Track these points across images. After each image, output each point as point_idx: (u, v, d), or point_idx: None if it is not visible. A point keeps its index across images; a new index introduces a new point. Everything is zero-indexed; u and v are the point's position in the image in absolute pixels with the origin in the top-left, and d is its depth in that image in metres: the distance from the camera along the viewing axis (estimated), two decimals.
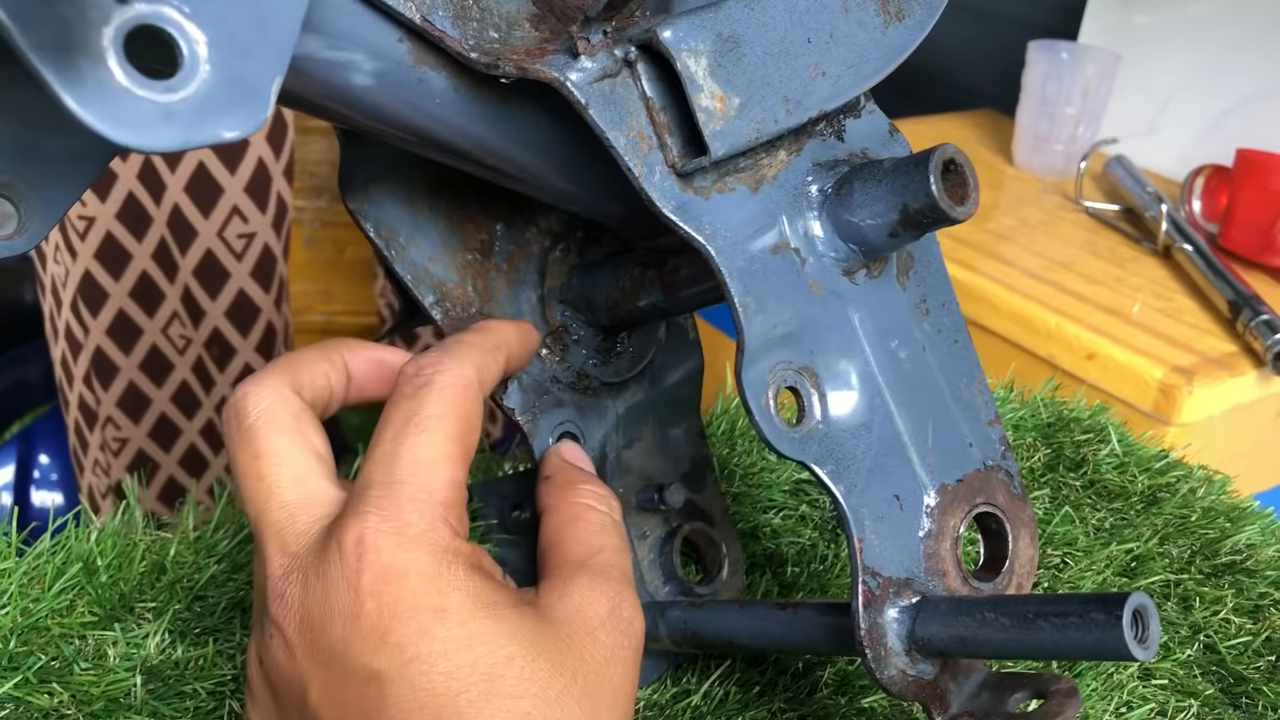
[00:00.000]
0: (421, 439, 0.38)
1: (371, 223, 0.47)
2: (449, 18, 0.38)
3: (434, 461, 0.38)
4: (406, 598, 0.36)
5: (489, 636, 0.36)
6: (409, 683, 0.35)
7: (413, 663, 0.35)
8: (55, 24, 0.26)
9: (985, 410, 0.46)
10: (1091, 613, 0.37)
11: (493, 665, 0.35)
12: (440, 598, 0.36)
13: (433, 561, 0.36)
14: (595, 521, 0.44)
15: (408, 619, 0.35)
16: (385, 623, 0.35)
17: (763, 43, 0.39)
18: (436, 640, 0.35)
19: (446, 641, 0.35)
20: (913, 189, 0.40)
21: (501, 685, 0.35)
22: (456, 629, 0.36)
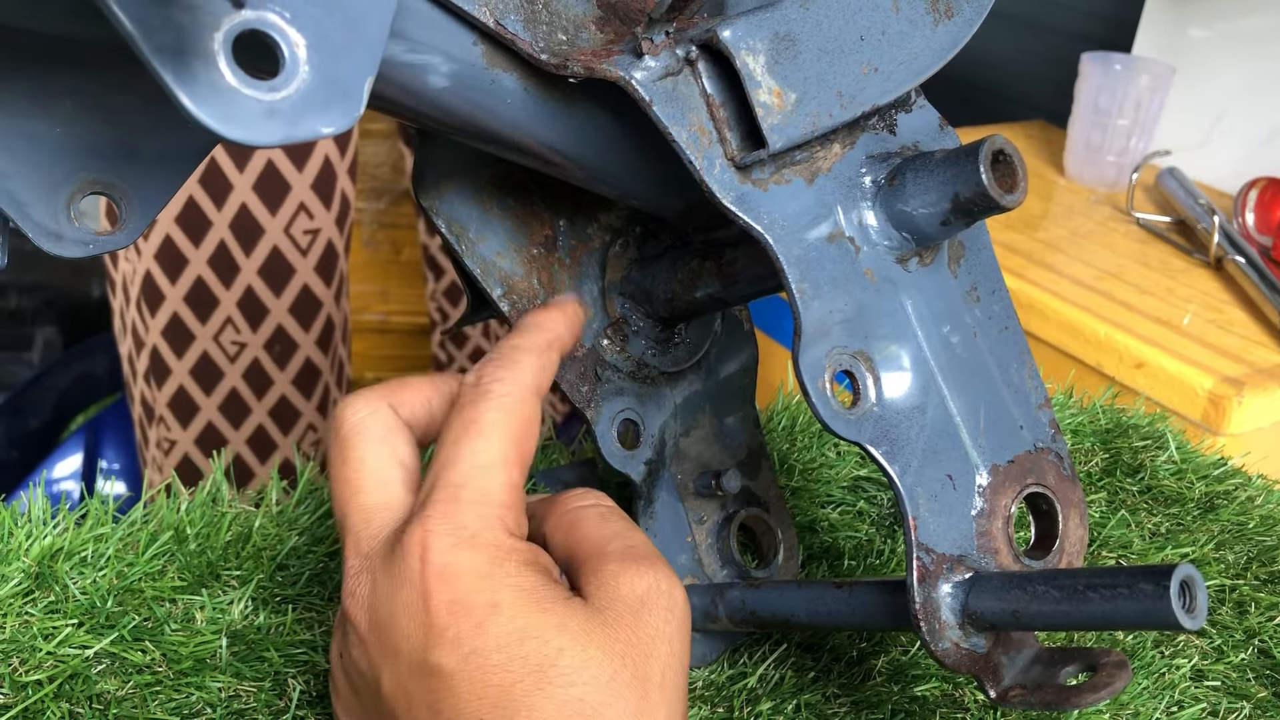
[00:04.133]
0: (479, 444, 0.41)
1: (443, 219, 0.50)
2: (520, 21, 0.40)
3: (491, 466, 0.41)
4: (463, 596, 0.38)
5: (540, 630, 0.38)
6: (467, 675, 0.37)
7: (470, 656, 0.38)
8: (172, 30, 0.28)
9: (1035, 394, 0.47)
10: (1140, 584, 0.39)
11: (544, 656, 0.38)
12: (494, 595, 0.38)
13: (487, 561, 0.39)
14: (591, 516, 0.45)
15: (464, 616, 0.38)
16: (444, 619, 0.38)
17: (817, 41, 0.41)
18: (491, 635, 0.38)
19: (500, 636, 0.38)
20: (964, 178, 0.41)
21: (553, 675, 0.38)
22: (509, 624, 0.38)
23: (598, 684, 0.38)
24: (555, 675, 0.38)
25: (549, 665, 0.38)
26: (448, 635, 0.38)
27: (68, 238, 0.41)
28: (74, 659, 0.47)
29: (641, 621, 0.40)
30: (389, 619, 0.39)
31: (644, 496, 0.54)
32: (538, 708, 0.37)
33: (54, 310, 1.92)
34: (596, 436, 0.53)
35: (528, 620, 0.38)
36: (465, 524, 0.39)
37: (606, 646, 0.39)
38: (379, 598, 0.40)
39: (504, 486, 0.41)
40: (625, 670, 0.39)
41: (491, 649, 0.38)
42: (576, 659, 0.38)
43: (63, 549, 0.51)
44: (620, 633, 0.39)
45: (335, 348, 1.09)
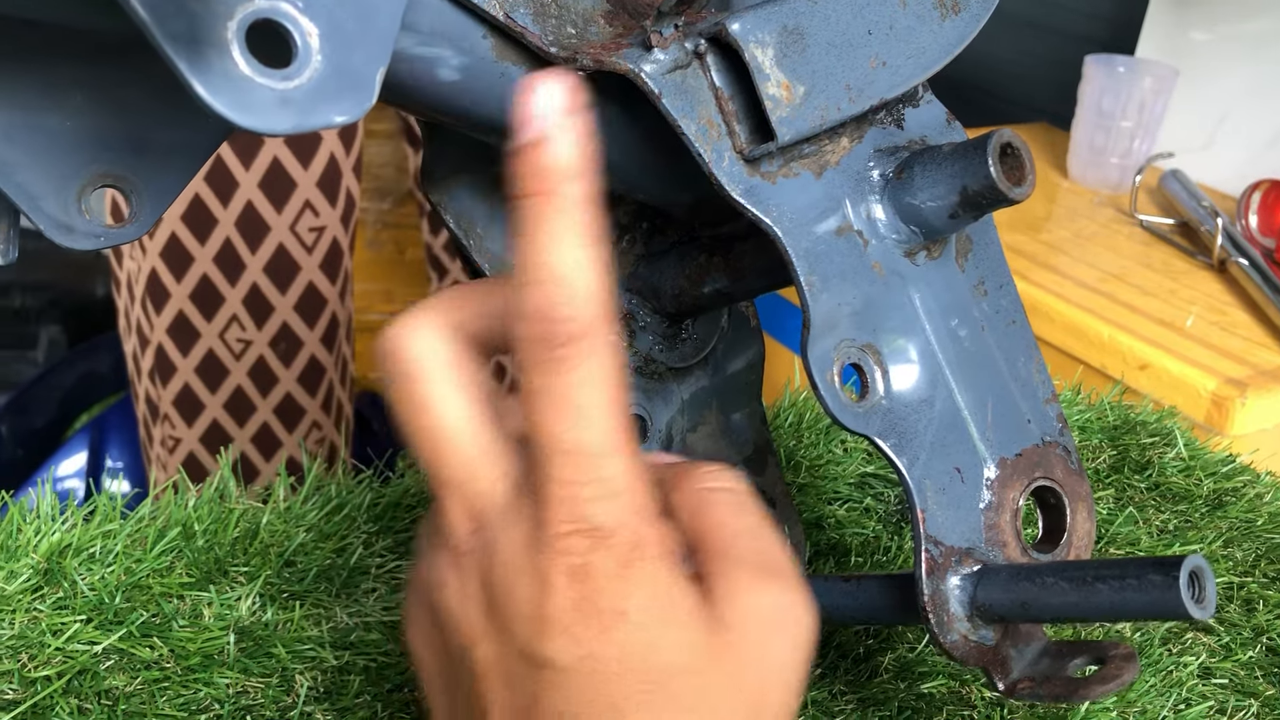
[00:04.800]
0: (584, 434, 0.36)
1: (452, 214, 0.50)
2: (530, 15, 0.40)
3: (604, 452, 0.36)
4: (590, 595, 0.35)
5: (664, 646, 0.36)
6: (581, 677, 0.35)
7: (587, 659, 0.35)
8: (186, 17, 0.29)
9: (1043, 388, 0.47)
10: (1149, 574, 0.39)
11: (664, 674, 0.35)
12: (623, 600, 0.35)
13: (618, 562, 0.35)
14: (725, 503, 0.40)
15: (589, 617, 0.35)
16: (568, 617, 0.35)
17: (825, 34, 0.42)
18: (613, 643, 0.35)
19: (623, 646, 0.35)
20: (972, 171, 0.41)
21: (668, 696, 0.35)
22: (635, 634, 0.35)
23: (709, 714, 0.36)
24: (670, 698, 0.35)
25: (666, 685, 0.35)
26: (569, 633, 0.35)
27: (79, 230, 0.41)
28: (82, 655, 0.47)
29: (767, 649, 0.37)
30: (506, 593, 0.36)
31: None
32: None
33: (58, 309, 1.93)
34: None
35: (654, 634, 0.36)
36: (595, 524, 0.35)
37: (727, 675, 0.36)
38: (498, 570, 0.36)
39: (624, 472, 0.36)
40: (741, 703, 0.36)
41: (611, 657, 0.35)
42: (695, 684, 0.36)
43: (71, 545, 0.51)
44: (743, 659, 0.37)
45: (340, 345, 1.09)
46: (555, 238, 0.35)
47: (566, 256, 0.35)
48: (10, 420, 1.62)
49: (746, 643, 0.37)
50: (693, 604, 0.36)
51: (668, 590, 0.36)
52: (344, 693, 0.49)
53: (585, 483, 0.35)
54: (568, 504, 0.35)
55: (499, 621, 0.36)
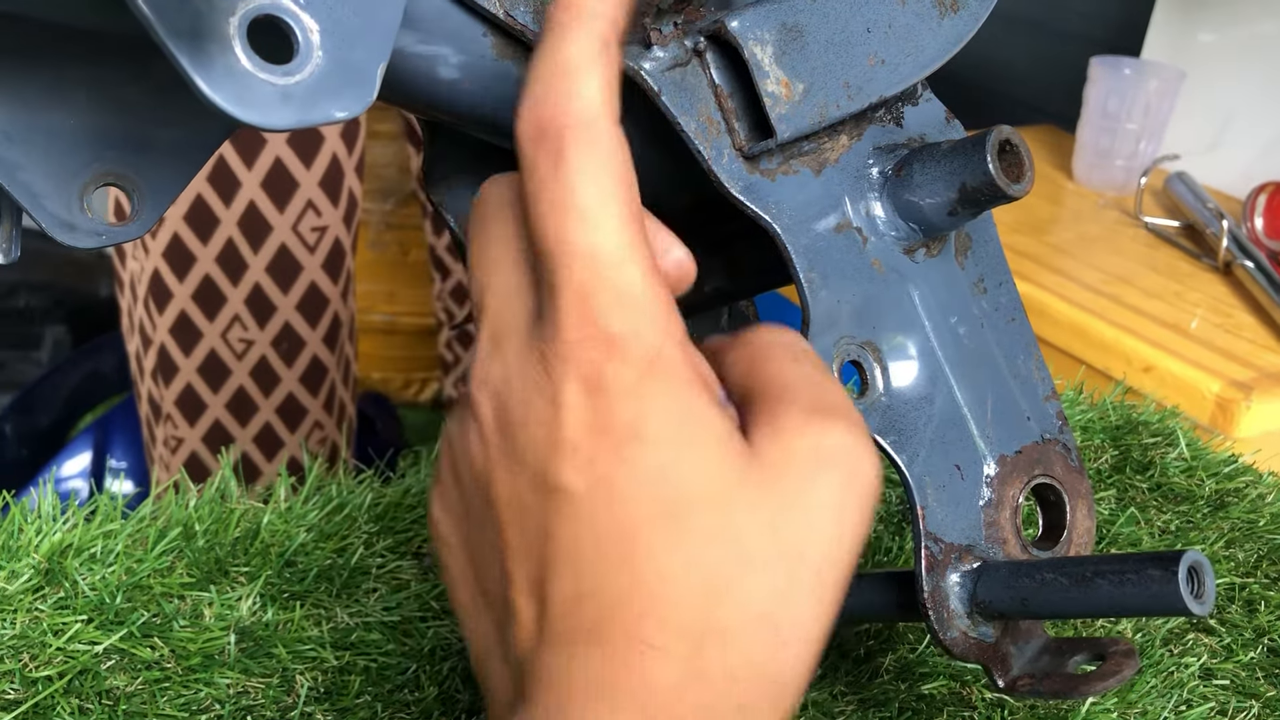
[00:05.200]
0: (595, 236, 0.33)
1: (453, 214, 0.50)
2: (530, 13, 0.41)
3: (620, 261, 0.33)
4: (603, 412, 0.32)
5: (685, 470, 0.32)
6: (591, 502, 0.32)
7: (599, 484, 0.32)
8: (187, 13, 0.29)
9: (1042, 386, 0.47)
10: (1148, 569, 0.39)
11: (679, 503, 0.32)
12: (639, 416, 0.32)
13: (636, 375, 0.32)
14: (782, 353, 0.37)
15: (601, 437, 0.32)
16: (579, 436, 0.32)
17: (824, 32, 0.42)
18: (626, 464, 0.32)
19: (636, 467, 0.32)
20: (970, 168, 0.41)
21: (685, 528, 0.32)
22: (649, 456, 0.32)
23: (736, 553, 0.32)
24: (686, 530, 0.32)
25: (683, 515, 0.32)
26: (581, 454, 0.32)
27: (81, 228, 0.42)
28: (83, 655, 0.47)
29: (813, 487, 0.33)
30: (520, 421, 0.33)
31: None
32: (658, 559, 0.31)
33: (63, 309, 1.93)
34: None
35: (671, 455, 0.32)
36: (610, 332, 0.32)
37: (761, 513, 0.32)
38: (511, 392, 0.34)
39: (640, 280, 0.33)
40: (775, 547, 0.32)
41: (623, 480, 0.32)
42: (719, 518, 0.32)
43: (72, 545, 0.51)
44: (780, 497, 0.33)
45: (342, 345, 1.09)
46: (568, 36, 0.33)
47: (574, 50, 0.33)
48: (15, 420, 1.63)
49: (785, 480, 0.33)
50: (723, 431, 0.33)
51: (692, 410, 0.33)
52: (344, 693, 0.49)
53: (596, 290, 0.32)
54: (578, 311, 0.32)
55: (513, 453, 0.34)
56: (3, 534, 0.50)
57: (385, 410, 1.79)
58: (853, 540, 0.34)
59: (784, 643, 0.32)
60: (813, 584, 0.33)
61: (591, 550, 0.32)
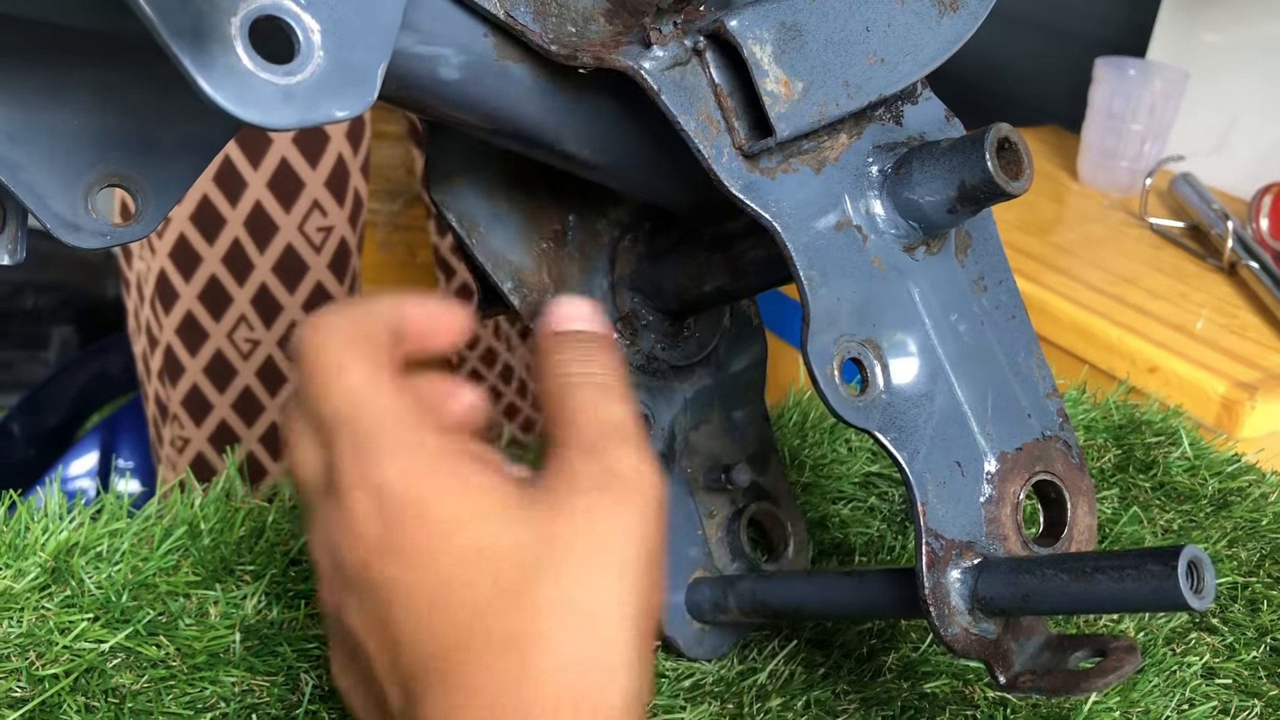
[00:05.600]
0: (350, 381, 0.38)
1: (454, 213, 0.50)
2: (530, 13, 0.41)
3: (371, 393, 0.38)
4: (386, 501, 0.36)
5: (465, 523, 0.36)
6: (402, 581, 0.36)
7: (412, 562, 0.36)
8: (190, 14, 0.29)
9: (1043, 383, 0.48)
10: (1148, 565, 0.39)
11: (471, 545, 0.35)
12: (418, 491, 0.36)
13: (405, 463, 0.37)
14: (567, 390, 0.41)
15: (395, 522, 0.36)
16: (374, 530, 0.36)
17: (824, 31, 0.42)
18: (415, 550, 0.36)
19: (432, 534, 0.36)
20: (969, 166, 0.42)
21: (478, 587, 0.35)
22: (438, 522, 0.36)
23: (524, 566, 0.35)
24: (480, 562, 0.35)
25: (474, 553, 0.35)
26: (389, 542, 0.36)
27: (85, 229, 0.42)
28: (90, 653, 0.47)
29: (584, 504, 0.37)
30: (334, 549, 0.37)
31: None
32: (466, 595, 0.35)
33: (70, 309, 1.94)
34: None
35: (460, 513, 0.36)
36: (409, 443, 0.37)
37: (534, 529, 0.36)
38: (326, 532, 0.38)
39: (390, 396, 0.38)
40: (556, 549, 0.36)
41: (425, 546, 0.36)
42: (499, 544, 0.36)
43: (78, 544, 0.51)
44: (555, 518, 0.36)
45: None
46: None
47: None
48: (22, 420, 1.63)
49: (561, 511, 0.36)
50: (496, 498, 0.37)
51: (462, 494, 0.36)
52: None
53: (354, 425, 0.37)
54: (351, 459, 0.37)
55: (340, 581, 0.38)
56: (9, 533, 0.51)
57: None
58: (645, 544, 0.37)
59: (591, 623, 0.35)
60: (606, 573, 0.36)
61: (413, 624, 0.35)
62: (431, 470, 0.37)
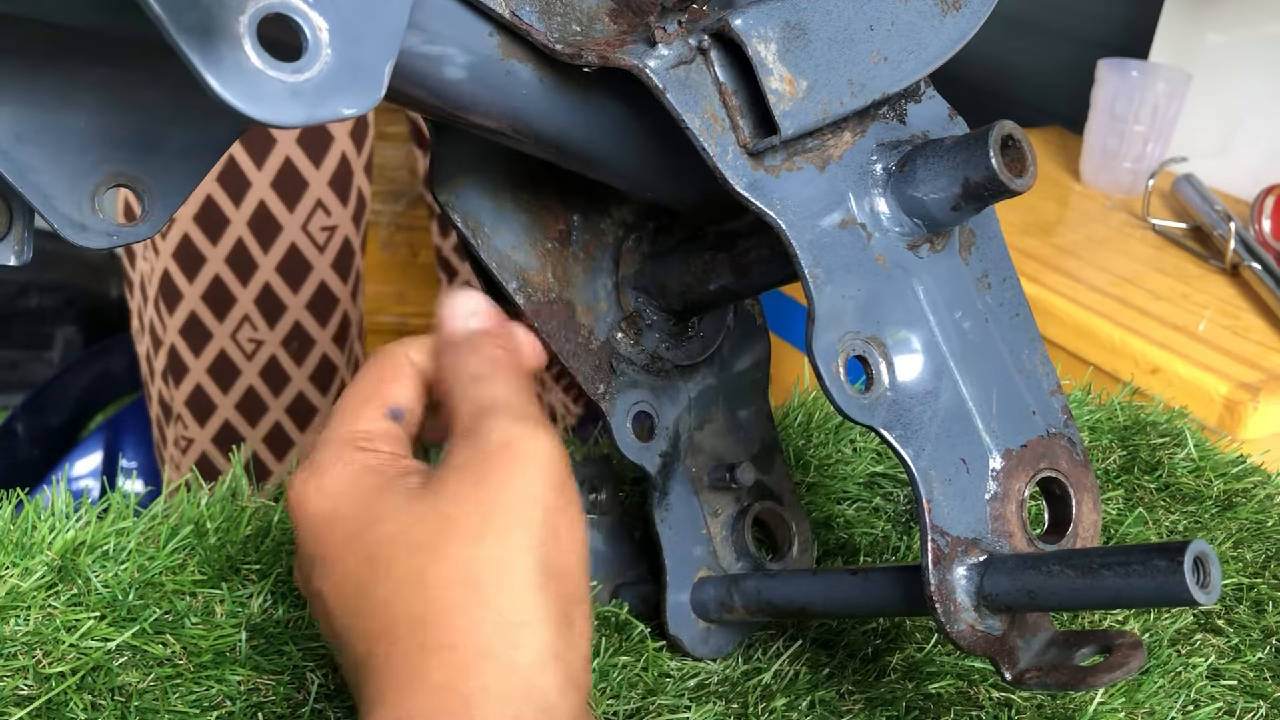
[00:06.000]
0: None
1: (459, 214, 0.50)
2: (535, 13, 0.41)
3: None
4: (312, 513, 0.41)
5: (368, 523, 0.40)
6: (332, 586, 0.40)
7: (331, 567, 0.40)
8: (199, 12, 0.29)
9: (1047, 380, 0.48)
10: (1154, 560, 0.39)
11: (375, 545, 0.39)
12: (332, 502, 0.41)
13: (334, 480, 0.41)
14: (454, 385, 0.44)
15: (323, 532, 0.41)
16: (309, 542, 0.41)
17: (828, 30, 0.42)
18: (335, 542, 0.40)
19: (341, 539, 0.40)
20: (974, 163, 0.42)
21: (381, 559, 0.38)
22: (345, 526, 0.40)
23: (421, 551, 0.38)
24: (381, 558, 0.38)
25: (376, 553, 0.38)
26: (315, 555, 0.40)
27: (92, 229, 0.42)
28: (96, 651, 0.47)
29: (468, 478, 0.39)
30: (297, 570, 0.43)
31: (659, 489, 0.54)
32: (375, 590, 0.38)
33: (74, 309, 1.94)
34: (612, 428, 0.53)
35: (359, 520, 0.40)
36: (316, 465, 0.42)
37: (427, 514, 0.39)
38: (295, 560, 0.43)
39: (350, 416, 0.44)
40: (449, 525, 0.38)
41: (338, 554, 0.40)
42: (396, 538, 0.38)
43: (85, 543, 0.51)
44: (445, 498, 0.39)
45: (352, 344, 1.10)
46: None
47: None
48: (26, 419, 1.64)
49: (457, 489, 0.39)
50: (398, 484, 0.41)
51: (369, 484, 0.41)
52: None
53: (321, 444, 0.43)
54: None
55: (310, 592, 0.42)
56: (17, 531, 0.51)
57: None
58: (549, 498, 0.39)
59: (486, 588, 0.37)
60: (524, 545, 0.38)
61: (344, 622, 0.39)
62: (348, 484, 0.41)
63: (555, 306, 0.52)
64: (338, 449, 0.42)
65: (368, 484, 0.41)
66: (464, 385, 0.43)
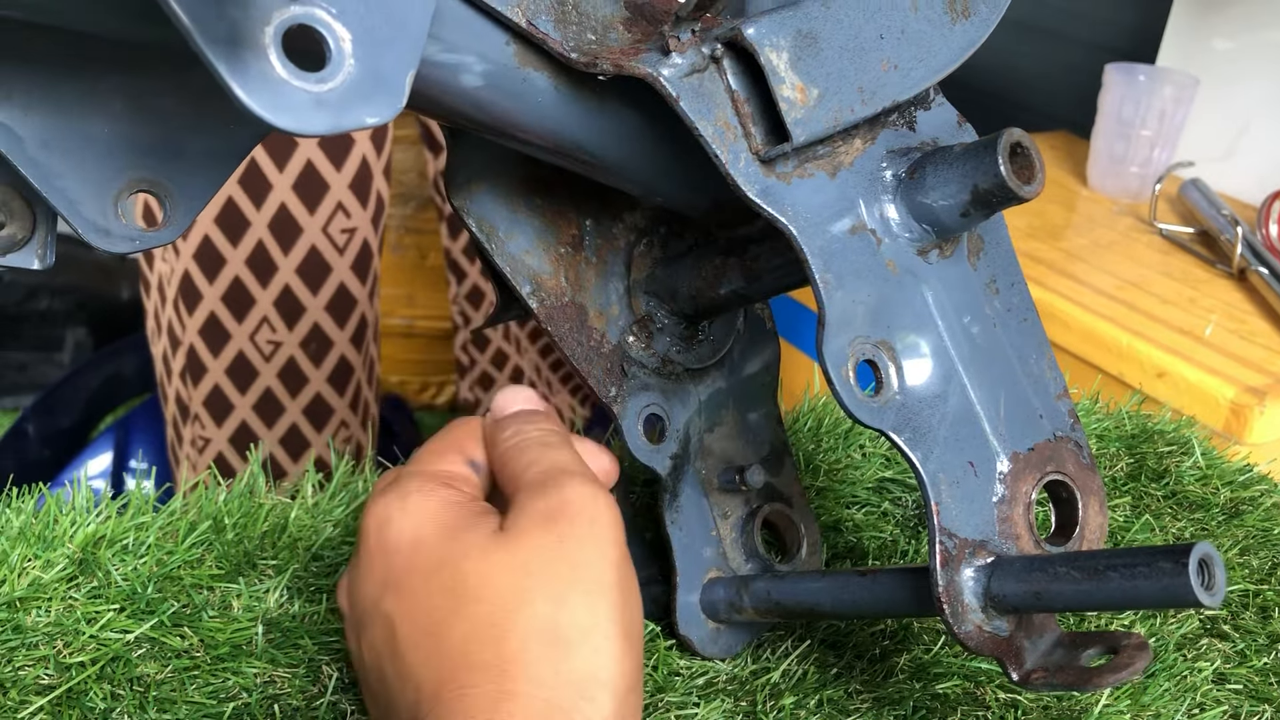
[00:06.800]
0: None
1: (474, 218, 0.51)
2: (551, 22, 0.42)
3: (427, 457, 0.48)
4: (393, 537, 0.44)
5: (452, 557, 0.42)
6: (405, 608, 0.42)
7: (404, 590, 0.43)
8: (226, 23, 0.30)
9: (1054, 384, 0.48)
10: (1159, 562, 0.39)
11: (456, 581, 0.42)
12: (416, 530, 0.44)
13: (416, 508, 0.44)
14: (512, 452, 0.47)
15: (394, 554, 0.44)
16: (379, 562, 0.44)
17: (839, 38, 0.43)
18: (418, 569, 0.43)
19: (423, 568, 0.43)
20: (982, 170, 0.42)
21: (463, 594, 0.41)
22: (429, 555, 0.43)
23: (502, 597, 0.41)
24: (464, 595, 0.41)
25: (459, 587, 0.41)
26: (389, 579, 0.43)
27: (116, 234, 0.43)
28: (115, 643, 0.48)
29: (551, 533, 0.42)
30: (353, 590, 0.45)
31: (669, 490, 0.55)
32: (455, 627, 0.40)
33: (84, 312, 1.96)
34: (623, 430, 0.54)
35: (443, 551, 0.42)
36: (403, 490, 0.45)
37: (509, 562, 0.42)
38: (350, 577, 0.46)
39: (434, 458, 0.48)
40: (532, 579, 0.41)
41: (419, 582, 0.42)
42: (480, 578, 0.41)
43: (105, 537, 0.52)
44: (526, 549, 0.42)
45: (368, 346, 1.11)
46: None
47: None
48: (37, 421, 1.65)
49: (527, 536, 0.43)
50: (479, 525, 0.44)
51: (452, 519, 0.44)
52: None
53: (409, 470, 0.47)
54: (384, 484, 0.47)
55: (356, 619, 0.45)
56: (39, 524, 0.52)
57: (403, 414, 1.81)
58: (610, 554, 0.43)
59: (569, 646, 0.40)
60: (583, 593, 0.41)
61: (413, 643, 0.41)
62: (433, 514, 0.44)
63: (568, 310, 0.53)
64: (424, 481, 0.45)
65: (451, 518, 0.44)
66: (532, 448, 0.47)
